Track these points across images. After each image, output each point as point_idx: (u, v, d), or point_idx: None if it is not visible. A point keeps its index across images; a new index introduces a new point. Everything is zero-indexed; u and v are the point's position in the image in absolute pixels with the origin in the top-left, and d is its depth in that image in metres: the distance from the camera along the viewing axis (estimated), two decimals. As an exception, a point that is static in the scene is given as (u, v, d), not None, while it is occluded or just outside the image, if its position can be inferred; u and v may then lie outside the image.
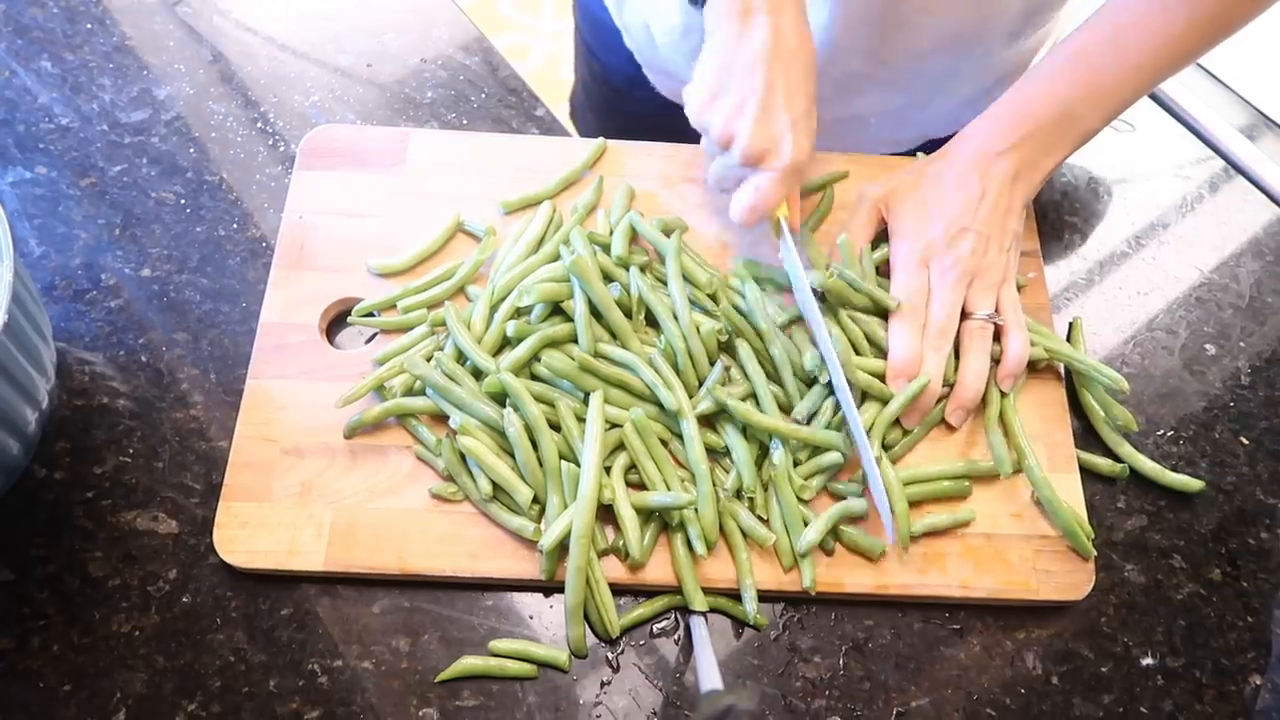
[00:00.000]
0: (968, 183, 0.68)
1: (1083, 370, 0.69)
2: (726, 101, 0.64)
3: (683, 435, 0.64)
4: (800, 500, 0.64)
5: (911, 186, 0.71)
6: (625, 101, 0.96)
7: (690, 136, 0.81)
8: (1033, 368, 0.71)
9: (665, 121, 0.85)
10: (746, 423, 0.64)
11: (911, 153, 0.94)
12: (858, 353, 0.68)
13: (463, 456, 0.63)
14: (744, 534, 0.63)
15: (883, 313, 0.70)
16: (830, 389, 0.66)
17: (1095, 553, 0.64)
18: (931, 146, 0.95)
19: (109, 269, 0.73)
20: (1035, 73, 0.70)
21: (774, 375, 0.68)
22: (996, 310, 0.68)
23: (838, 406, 0.67)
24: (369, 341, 0.71)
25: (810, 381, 0.67)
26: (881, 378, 0.67)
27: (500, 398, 0.65)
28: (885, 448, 0.66)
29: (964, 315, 0.68)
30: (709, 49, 0.66)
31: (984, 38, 0.79)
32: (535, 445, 0.63)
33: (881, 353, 0.69)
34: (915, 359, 0.67)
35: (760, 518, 0.63)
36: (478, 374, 0.66)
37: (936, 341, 0.67)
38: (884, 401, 0.66)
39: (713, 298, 0.70)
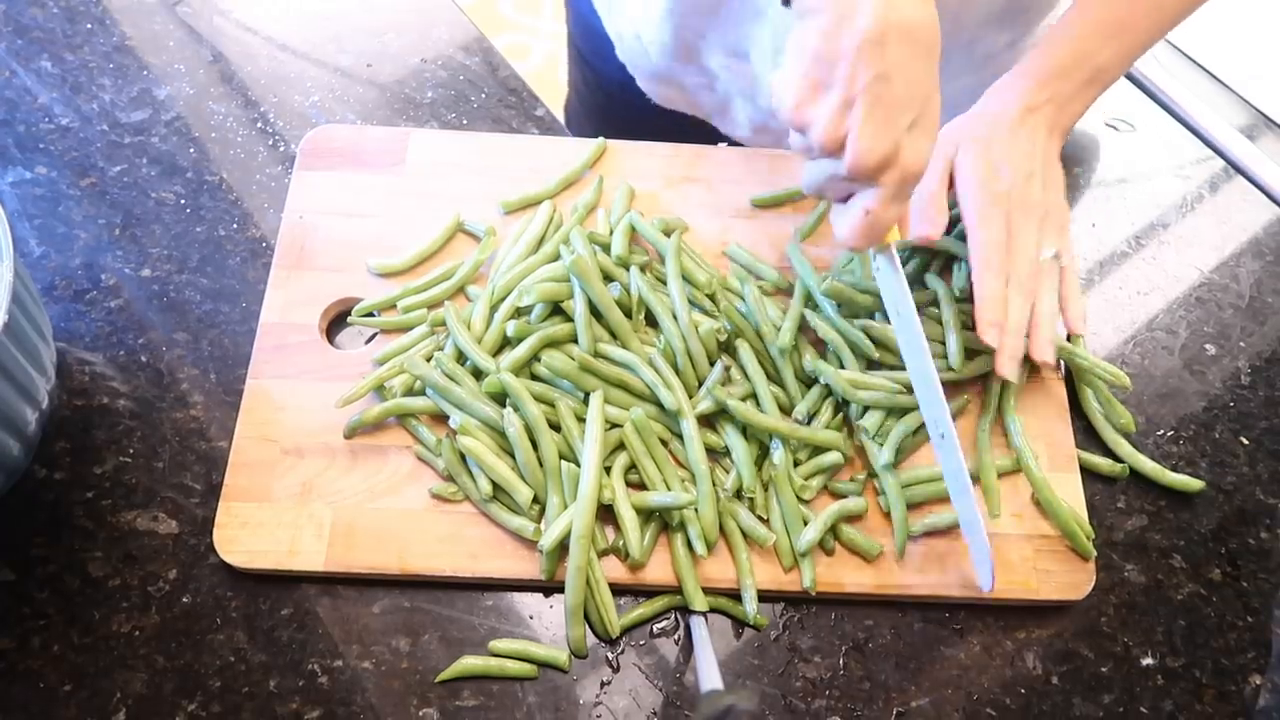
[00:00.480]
0: (1018, 135, 0.68)
1: (1084, 366, 0.69)
2: (831, 97, 0.52)
3: (683, 435, 0.64)
4: (800, 500, 0.64)
5: (973, 138, 0.69)
6: (620, 108, 0.96)
7: (689, 141, 0.81)
8: (1033, 368, 0.71)
9: (661, 127, 0.85)
10: (747, 422, 0.64)
11: None
12: (856, 358, 0.68)
13: (463, 456, 0.63)
14: (744, 534, 0.63)
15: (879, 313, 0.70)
16: (829, 390, 0.66)
17: (1095, 553, 0.64)
18: None
19: (109, 269, 0.73)
20: (1060, 26, 0.69)
21: (774, 375, 0.68)
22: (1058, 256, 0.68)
23: (837, 407, 0.67)
24: (369, 341, 0.71)
25: (810, 382, 0.67)
26: (908, 388, 0.66)
27: (500, 398, 0.65)
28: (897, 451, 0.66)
29: None
30: (806, 29, 0.53)
31: (980, 41, 0.79)
32: (535, 445, 0.63)
33: (890, 352, 0.68)
34: (1003, 303, 0.65)
35: (760, 518, 0.63)
36: (478, 374, 0.66)
37: (1026, 285, 0.66)
38: (901, 411, 0.66)
39: (712, 298, 0.70)
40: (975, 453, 0.67)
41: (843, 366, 0.67)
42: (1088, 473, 0.69)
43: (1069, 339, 0.74)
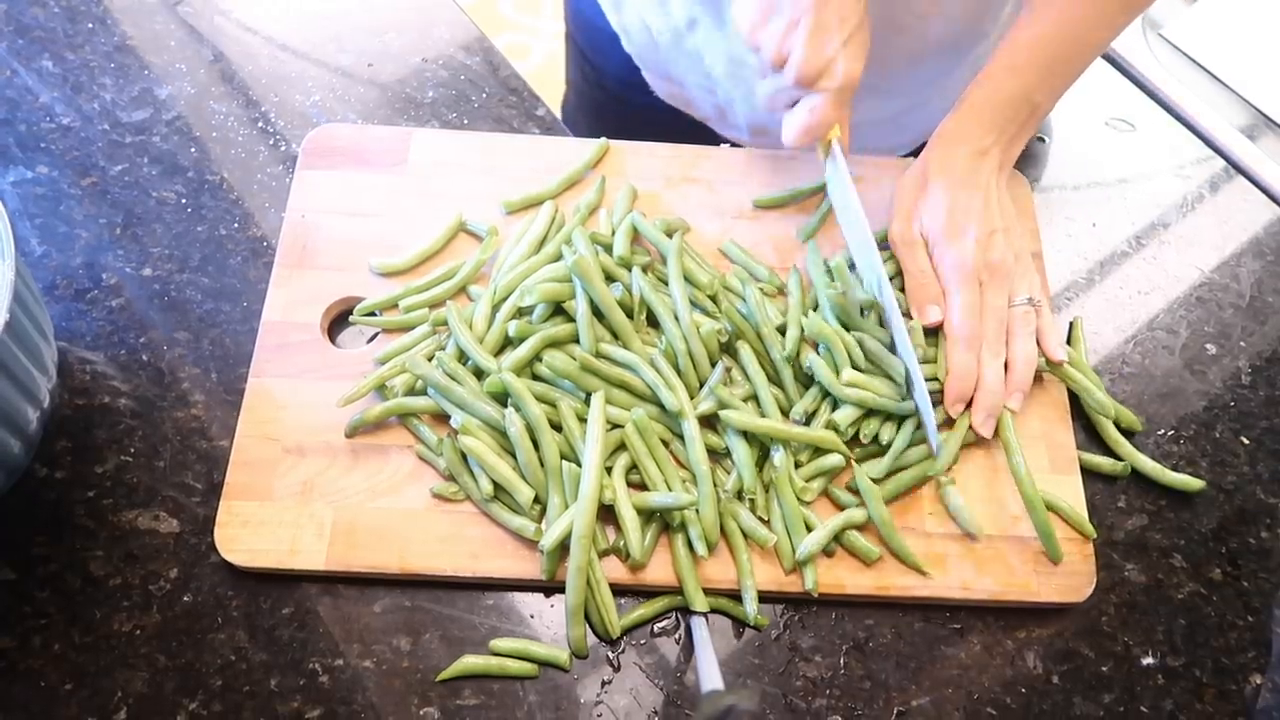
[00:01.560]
0: (974, 183, 0.70)
1: (1076, 390, 0.70)
2: (779, 21, 0.64)
3: (684, 436, 0.64)
4: (801, 502, 0.64)
5: (930, 201, 0.71)
6: (621, 106, 0.96)
7: (686, 139, 0.81)
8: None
9: (662, 126, 0.85)
10: (746, 429, 0.64)
11: (910, 156, 0.93)
12: (855, 365, 0.68)
13: (464, 456, 0.63)
14: (745, 535, 0.63)
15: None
16: (827, 390, 0.66)
17: (1063, 556, 0.64)
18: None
19: (110, 268, 0.73)
20: (999, 67, 0.70)
21: (774, 377, 0.68)
22: (1030, 299, 0.70)
23: (836, 409, 0.66)
24: (370, 341, 0.71)
25: (810, 382, 0.67)
26: (899, 395, 0.67)
27: (502, 397, 0.65)
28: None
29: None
30: None
31: (979, 41, 0.80)
32: (536, 445, 0.63)
33: (878, 368, 0.68)
34: (972, 378, 0.67)
35: (761, 519, 0.63)
36: (479, 374, 0.66)
37: (996, 345, 0.68)
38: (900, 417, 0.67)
39: (714, 299, 0.70)
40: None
41: (836, 366, 0.67)
42: (1089, 473, 0.69)
43: (1069, 338, 0.75)
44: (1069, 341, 0.74)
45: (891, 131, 0.88)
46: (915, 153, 0.96)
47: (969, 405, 0.67)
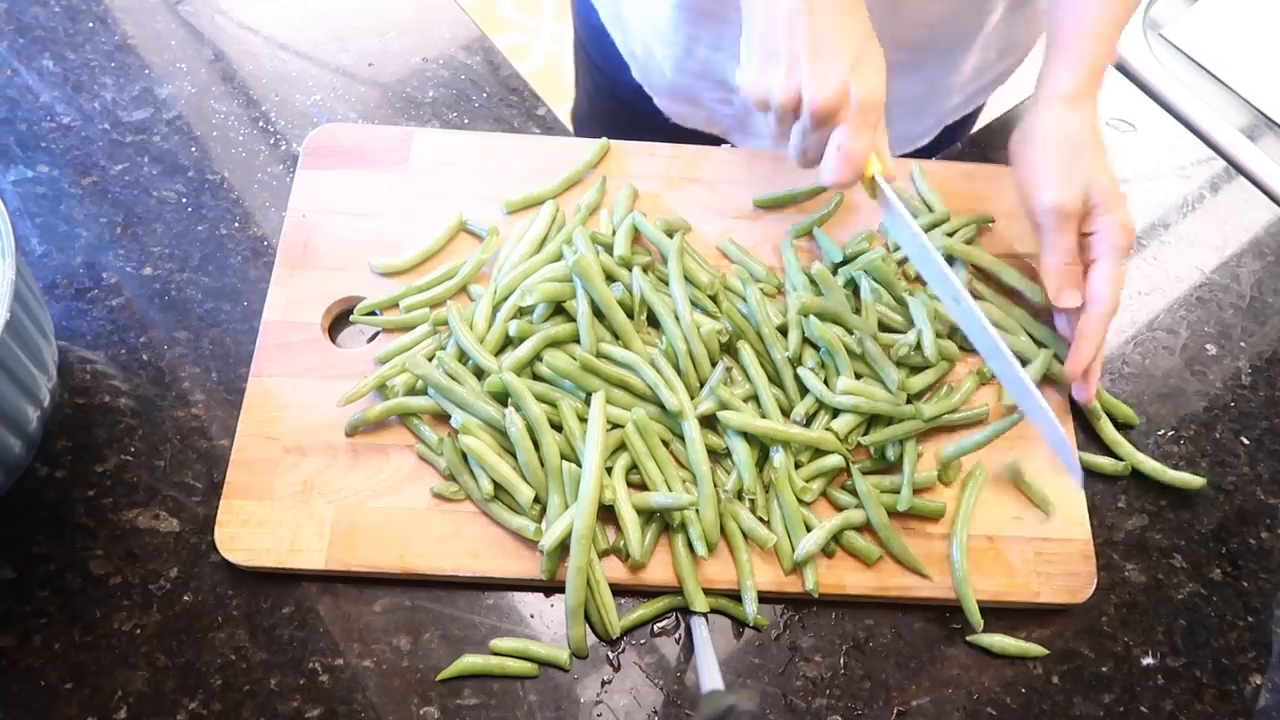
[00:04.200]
0: (1078, 131, 0.67)
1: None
2: (777, 65, 0.60)
3: (684, 436, 0.64)
4: (801, 502, 0.64)
5: (1092, 164, 0.67)
6: (632, 116, 0.94)
7: (701, 144, 0.81)
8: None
9: (676, 131, 0.85)
10: (746, 431, 0.64)
11: (927, 148, 0.93)
12: (851, 373, 0.68)
13: (464, 456, 0.63)
14: (745, 535, 0.63)
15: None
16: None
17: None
18: (947, 134, 0.94)
19: (110, 267, 0.73)
20: (1086, 17, 0.68)
21: (775, 377, 0.68)
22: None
23: (836, 410, 0.66)
24: (371, 340, 0.71)
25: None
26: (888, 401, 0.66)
27: (502, 397, 0.65)
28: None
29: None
30: (747, 25, 0.63)
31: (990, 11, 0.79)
32: (537, 445, 0.63)
33: (872, 372, 0.68)
34: (1099, 352, 0.67)
35: (761, 519, 0.63)
36: (480, 373, 0.66)
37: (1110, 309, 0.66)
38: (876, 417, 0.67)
39: (714, 299, 0.70)
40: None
41: (838, 368, 0.67)
42: (1090, 473, 0.69)
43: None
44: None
45: (913, 116, 0.87)
46: (918, 151, 0.96)
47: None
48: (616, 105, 0.97)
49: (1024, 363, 0.70)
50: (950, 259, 0.73)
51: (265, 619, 0.62)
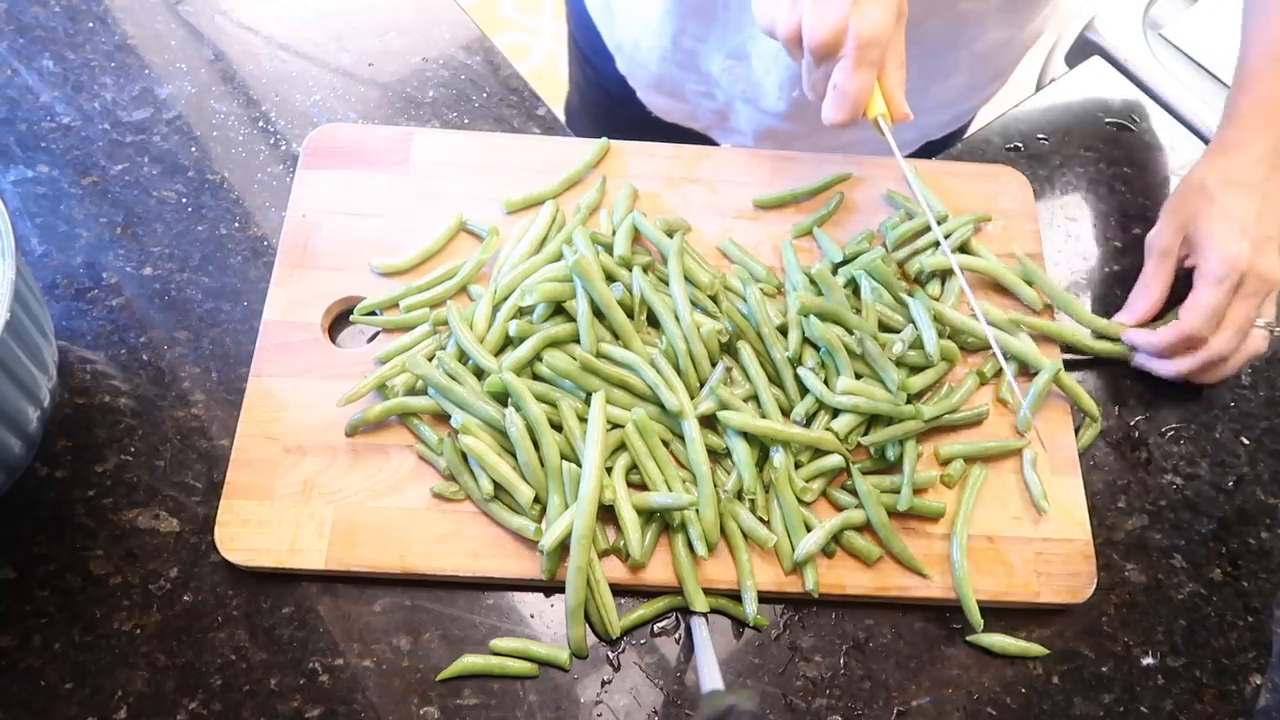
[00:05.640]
0: (1253, 187, 0.68)
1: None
2: None
3: (684, 436, 0.64)
4: (801, 502, 0.64)
5: (1210, 208, 0.69)
6: (622, 107, 0.96)
7: (689, 141, 0.81)
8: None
9: (665, 127, 0.85)
10: (746, 431, 0.64)
11: (913, 155, 0.93)
12: (851, 373, 0.68)
13: (464, 456, 0.63)
14: (745, 535, 0.63)
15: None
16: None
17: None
18: (930, 149, 0.95)
19: (110, 267, 0.73)
20: (1252, 70, 0.70)
21: (775, 377, 0.68)
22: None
23: (836, 410, 0.66)
24: (371, 340, 0.71)
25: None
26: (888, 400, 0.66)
27: (502, 397, 0.65)
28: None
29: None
30: None
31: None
32: (537, 445, 0.63)
33: (873, 373, 0.68)
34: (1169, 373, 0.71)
35: (761, 519, 0.63)
36: (480, 373, 0.66)
37: (1224, 350, 0.68)
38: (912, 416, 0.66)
39: (714, 299, 0.70)
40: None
41: (838, 368, 0.67)
42: (1090, 469, 0.69)
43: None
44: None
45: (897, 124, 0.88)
46: (920, 151, 0.96)
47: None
48: (606, 98, 0.98)
49: (1027, 370, 0.71)
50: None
51: (265, 619, 0.62)
